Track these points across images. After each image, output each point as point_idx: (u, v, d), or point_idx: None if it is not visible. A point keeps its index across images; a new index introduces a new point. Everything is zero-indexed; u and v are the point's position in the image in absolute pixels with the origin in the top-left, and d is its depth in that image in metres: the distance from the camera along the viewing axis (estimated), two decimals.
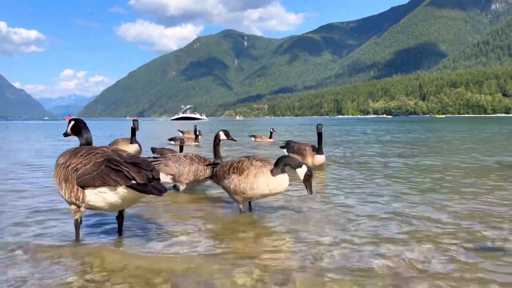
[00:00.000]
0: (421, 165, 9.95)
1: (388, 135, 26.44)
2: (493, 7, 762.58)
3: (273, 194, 5.03)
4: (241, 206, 5.26)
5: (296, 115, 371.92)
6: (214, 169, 5.53)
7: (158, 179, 3.70)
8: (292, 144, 10.30)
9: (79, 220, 3.98)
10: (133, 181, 3.55)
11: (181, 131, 23.03)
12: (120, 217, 4.31)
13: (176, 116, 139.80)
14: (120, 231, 4.33)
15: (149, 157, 6.73)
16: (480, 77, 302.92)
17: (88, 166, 3.68)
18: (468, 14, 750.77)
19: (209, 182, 6.57)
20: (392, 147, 15.75)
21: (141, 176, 3.56)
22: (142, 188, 3.56)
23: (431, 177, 7.90)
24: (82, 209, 3.88)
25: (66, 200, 3.91)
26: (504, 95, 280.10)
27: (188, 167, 6.32)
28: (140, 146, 10.08)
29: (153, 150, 11.05)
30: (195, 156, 6.57)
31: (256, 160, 5.07)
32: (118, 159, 3.68)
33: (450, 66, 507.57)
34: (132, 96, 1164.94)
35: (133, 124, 10.10)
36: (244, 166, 5.01)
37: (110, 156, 3.72)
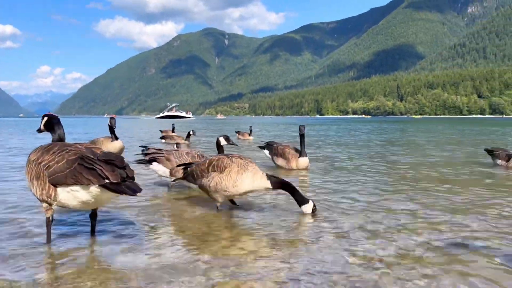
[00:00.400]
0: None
1: (373, 134, 26.69)
2: (469, 10, 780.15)
3: (255, 191, 5.07)
4: (218, 204, 5.18)
5: (277, 115, 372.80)
6: (188, 169, 5.39)
7: (133, 178, 3.59)
8: (275, 145, 9.88)
9: (50, 218, 3.86)
10: (106, 180, 3.45)
11: (161, 131, 22.68)
12: (94, 215, 4.20)
13: (161, 114, 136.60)
14: (93, 231, 4.22)
15: (154, 148, 6.81)
16: (456, 79, 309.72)
17: (60, 164, 3.58)
18: (445, 16, 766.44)
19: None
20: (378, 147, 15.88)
21: (115, 175, 3.46)
22: (116, 188, 3.46)
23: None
24: (53, 207, 3.78)
25: (37, 198, 3.80)
26: (479, 96, 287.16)
27: None
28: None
29: (145, 150, 10.66)
30: (197, 154, 6.67)
31: (237, 158, 5.02)
32: (92, 156, 3.58)
33: (427, 67, 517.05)
34: (110, 94, 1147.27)
35: (110, 122, 9.87)
36: (225, 163, 4.93)
37: (83, 154, 3.61)
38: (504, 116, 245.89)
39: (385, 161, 11.19)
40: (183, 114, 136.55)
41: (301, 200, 4.83)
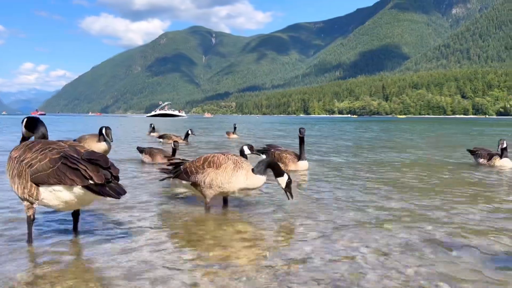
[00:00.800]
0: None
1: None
2: (453, 11, 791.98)
3: (248, 189, 5.25)
4: (208, 200, 5.28)
5: (264, 114, 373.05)
6: (181, 166, 5.47)
7: (117, 178, 3.52)
8: (273, 150, 9.82)
9: (32, 217, 3.77)
10: (90, 181, 3.38)
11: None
12: (76, 214, 4.15)
13: (154, 113, 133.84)
14: (75, 229, 4.17)
15: (178, 158, 6.56)
16: (440, 79, 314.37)
17: (43, 162, 3.49)
18: (430, 18, 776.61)
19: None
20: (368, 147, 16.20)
21: (99, 175, 3.39)
22: (99, 190, 3.40)
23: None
24: (35, 205, 3.70)
25: (18, 196, 3.71)
26: (463, 96, 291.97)
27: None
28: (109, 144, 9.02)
29: (141, 150, 10.67)
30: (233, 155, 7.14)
31: (232, 155, 5.26)
32: (75, 155, 3.49)
33: (412, 68, 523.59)
34: (95, 92, 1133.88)
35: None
36: (221, 160, 5.12)
37: (66, 152, 3.52)
38: (487, 116, 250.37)
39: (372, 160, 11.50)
40: (176, 112, 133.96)
41: (278, 173, 5.07)
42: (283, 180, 5.05)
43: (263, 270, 3.24)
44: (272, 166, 5.04)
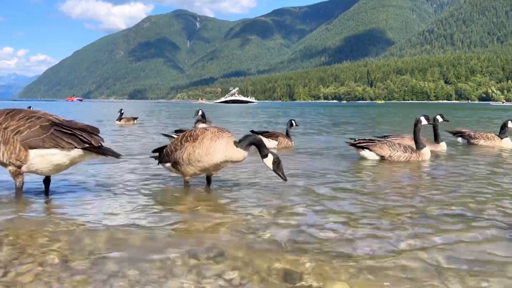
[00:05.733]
0: None
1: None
2: None
3: (228, 163, 4.91)
4: (187, 178, 5.10)
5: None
6: (164, 150, 5.25)
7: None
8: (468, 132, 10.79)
9: (21, 186, 4.17)
10: (87, 145, 3.85)
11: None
12: (48, 180, 4.49)
13: (224, 99, 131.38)
14: (47, 192, 4.53)
15: (365, 139, 7.82)
16: (424, 65, 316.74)
17: (34, 129, 3.80)
18: (415, 3, 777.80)
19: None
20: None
21: (95, 139, 3.90)
22: (98, 151, 3.93)
23: None
24: (23, 169, 3.98)
25: (3, 162, 3.97)
26: (446, 82, 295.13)
27: (402, 153, 7.41)
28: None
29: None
30: (408, 146, 7.63)
31: (213, 127, 4.99)
32: (68, 124, 3.95)
33: (397, 53, 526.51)
34: (77, 77, 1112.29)
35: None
36: (197, 132, 4.85)
37: (54, 121, 3.93)
38: (470, 101, 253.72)
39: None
40: (247, 98, 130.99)
41: (263, 154, 4.70)
42: (269, 161, 4.67)
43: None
44: (256, 144, 4.69)
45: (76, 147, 3.82)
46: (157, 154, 5.45)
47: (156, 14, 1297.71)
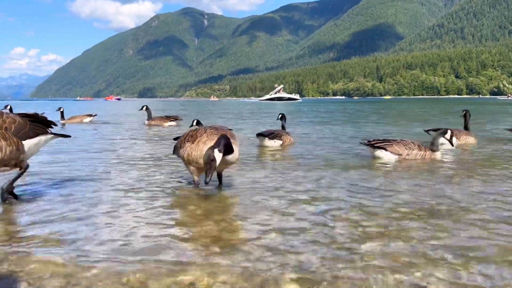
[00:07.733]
0: None
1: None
2: None
3: (223, 164, 4.70)
4: (196, 178, 5.03)
5: (258, 97, 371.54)
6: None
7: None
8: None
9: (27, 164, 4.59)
10: (50, 129, 4.69)
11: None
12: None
13: (268, 96, 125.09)
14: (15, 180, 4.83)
15: (379, 139, 8.00)
16: (434, 59, 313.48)
17: (17, 123, 4.31)
18: None
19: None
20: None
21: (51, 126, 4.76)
22: (60, 134, 4.85)
23: None
24: (22, 156, 4.40)
25: (5, 158, 4.26)
26: (457, 77, 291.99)
27: (417, 151, 7.62)
28: None
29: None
30: (421, 144, 7.89)
31: (212, 128, 4.84)
32: (33, 117, 4.60)
33: (406, 48, 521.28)
34: (87, 76, 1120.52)
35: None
36: (197, 133, 4.80)
37: (23, 117, 4.48)
38: (481, 96, 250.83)
39: None
40: (292, 96, 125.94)
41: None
42: (217, 154, 4.34)
43: None
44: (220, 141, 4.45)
45: (46, 134, 4.61)
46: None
47: (164, 12, 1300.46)
